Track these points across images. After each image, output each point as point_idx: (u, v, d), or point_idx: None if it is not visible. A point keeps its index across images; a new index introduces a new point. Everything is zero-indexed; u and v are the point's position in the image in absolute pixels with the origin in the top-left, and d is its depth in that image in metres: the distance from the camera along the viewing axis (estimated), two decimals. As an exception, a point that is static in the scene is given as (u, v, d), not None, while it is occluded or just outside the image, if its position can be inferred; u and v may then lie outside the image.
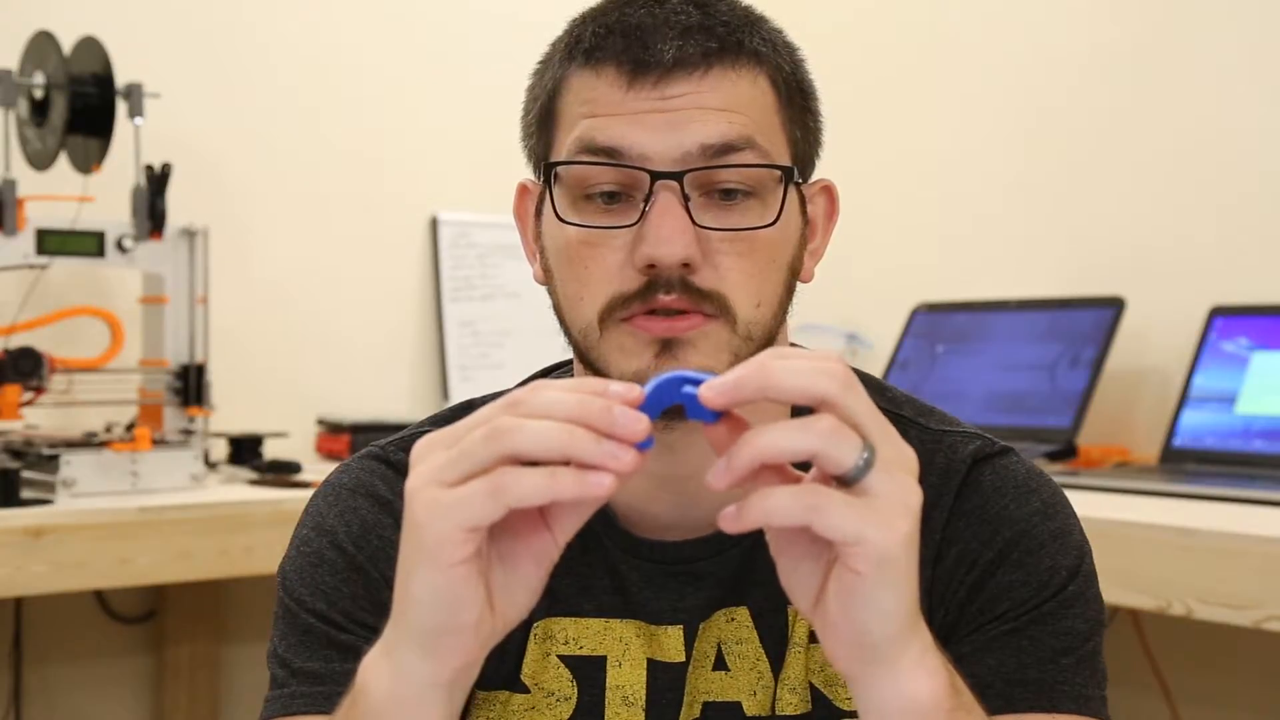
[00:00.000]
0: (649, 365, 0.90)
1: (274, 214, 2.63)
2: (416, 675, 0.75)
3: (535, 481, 0.69)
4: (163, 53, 2.47)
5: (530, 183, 1.00)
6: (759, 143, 0.91)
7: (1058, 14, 2.58)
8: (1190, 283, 2.30)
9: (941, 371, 2.48)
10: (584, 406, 0.70)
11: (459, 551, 0.71)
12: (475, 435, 0.71)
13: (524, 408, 0.71)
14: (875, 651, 0.72)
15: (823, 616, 0.72)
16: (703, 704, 0.97)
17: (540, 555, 0.75)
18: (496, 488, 0.69)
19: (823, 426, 0.68)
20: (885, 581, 0.70)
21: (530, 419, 0.70)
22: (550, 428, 0.69)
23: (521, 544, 0.74)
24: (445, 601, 0.72)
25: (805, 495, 0.68)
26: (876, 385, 1.04)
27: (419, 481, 0.72)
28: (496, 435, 0.70)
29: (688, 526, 0.97)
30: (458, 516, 0.70)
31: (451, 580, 0.72)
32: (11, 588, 1.92)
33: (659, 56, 0.90)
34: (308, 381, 2.64)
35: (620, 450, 0.70)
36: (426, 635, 0.74)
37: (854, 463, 0.69)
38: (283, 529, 1.07)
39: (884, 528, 0.69)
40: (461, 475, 0.71)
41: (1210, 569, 1.60)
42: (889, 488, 0.69)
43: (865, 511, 0.68)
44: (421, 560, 0.72)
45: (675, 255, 0.88)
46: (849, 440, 0.69)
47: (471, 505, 0.70)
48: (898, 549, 0.69)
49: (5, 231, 2.10)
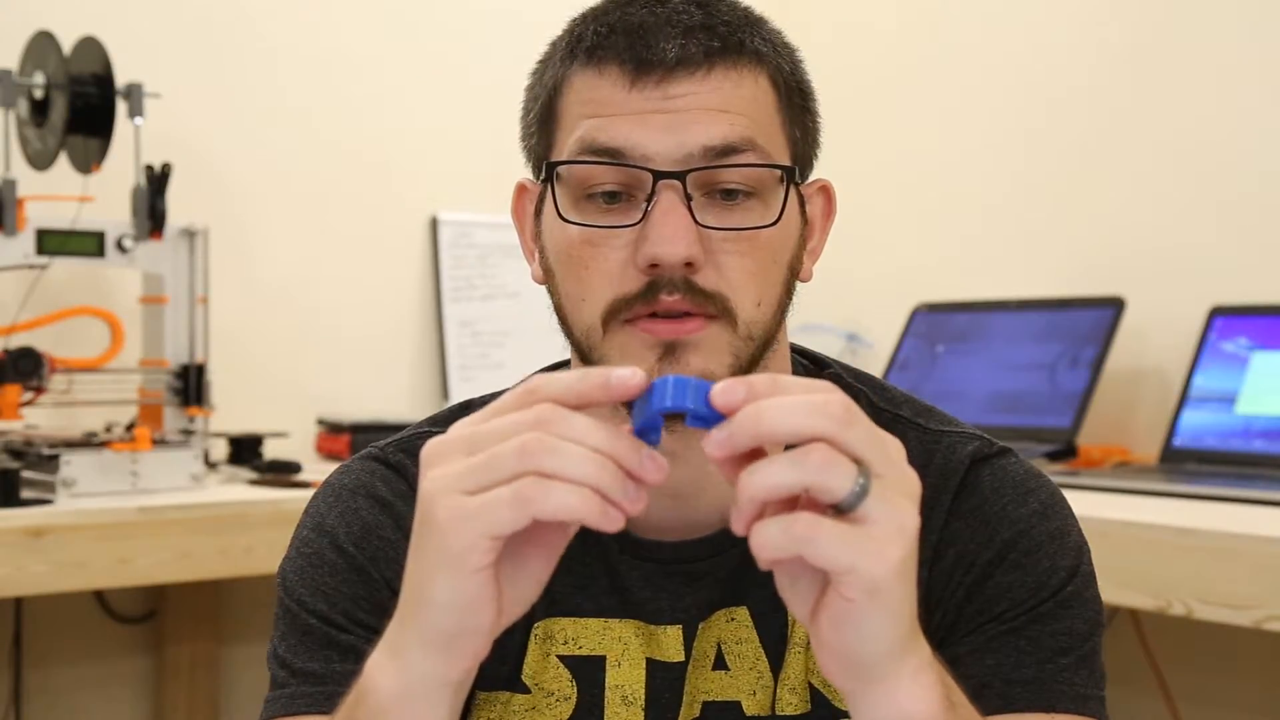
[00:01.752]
0: (651, 368, 0.90)
1: (274, 214, 2.63)
2: (429, 675, 0.75)
3: (563, 498, 0.69)
4: (163, 53, 2.47)
5: (529, 182, 1.00)
6: (760, 143, 0.91)
7: (1058, 14, 2.58)
8: (1190, 283, 2.30)
9: (941, 371, 2.48)
10: (615, 444, 0.70)
11: (483, 559, 0.71)
12: (506, 448, 0.70)
13: (556, 428, 0.70)
14: (868, 670, 0.72)
15: (816, 633, 0.72)
16: (702, 703, 0.97)
17: (550, 552, 0.75)
18: (523, 498, 0.69)
19: (814, 460, 0.67)
20: (876, 608, 0.69)
21: (565, 442, 0.70)
22: (585, 457, 0.69)
23: (532, 544, 0.74)
24: (464, 605, 0.73)
25: (795, 526, 0.67)
26: (876, 385, 1.04)
27: (438, 486, 0.72)
28: (529, 453, 0.69)
29: (687, 527, 0.97)
30: (483, 525, 0.70)
31: (473, 585, 0.72)
32: (11, 588, 1.92)
33: (661, 55, 0.90)
34: (308, 381, 2.64)
35: (639, 495, 0.70)
36: (443, 637, 0.74)
37: (848, 492, 0.67)
38: (283, 529, 1.07)
39: (875, 557, 0.68)
40: (485, 484, 0.70)
41: (1210, 569, 1.60)
42: (884, 514, 0.68)
43: (857, 540, 0.68)
44: (443, 565, 0.72)
45: (678, 254, 0.88)
46: (842, 470, 0.67)
47: (497, 514, 0.70)
48: (889, 578, 0.68)
49: (5, 231, 2.10)
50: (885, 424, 0.99)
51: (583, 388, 0.71)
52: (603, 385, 0.71)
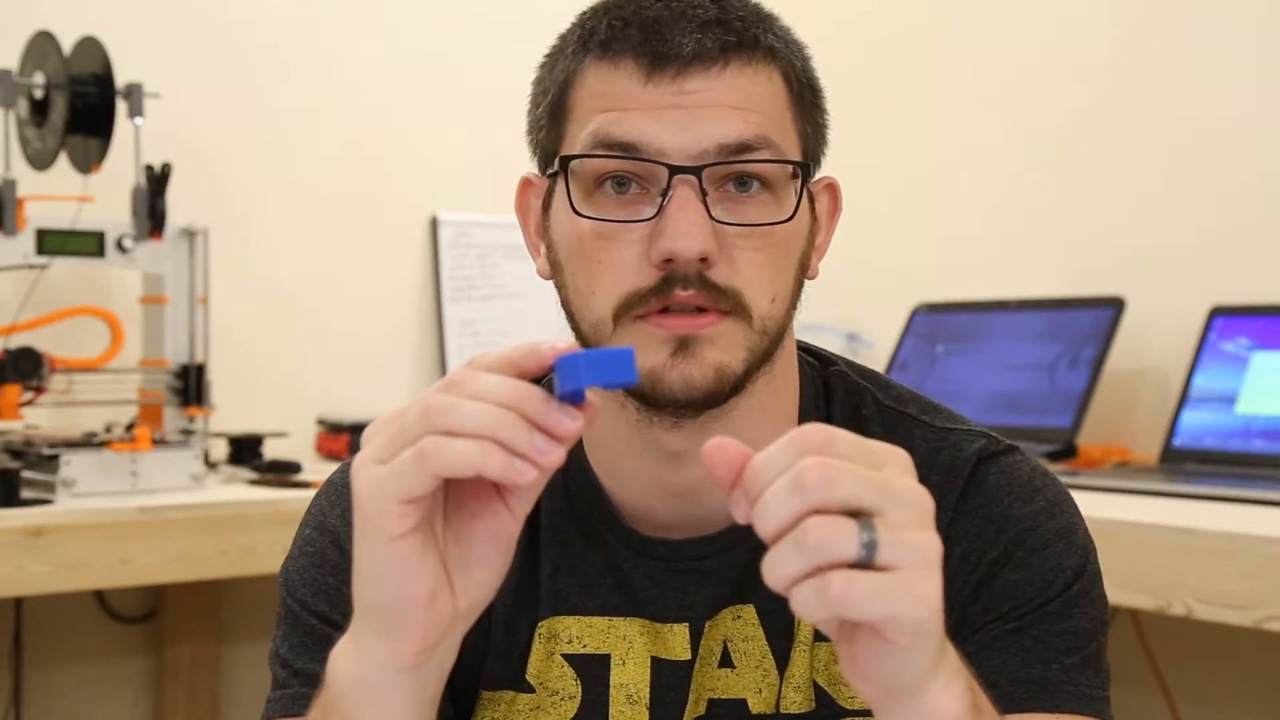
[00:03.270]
0: (664, 363, 0.89)
1: (274, 214, 2.63)
2: (376, 657, 0.75)
3: (461, 451, 0.69)
4: (163, 53, 2.47)
5: (534, 176, 1.00)
6: (774, 140, 0.91)
7: (1058, 14, 2.58)
8: (1190, 283, 2.30)
9: (941, 371, 2.48)
10: (518, 394, 0.70)
11: (398, 525, 0.71)
12: (410, 413, 0.71)
13: (462, 388, 0.71)
14: (904, 691, 0.71)
15: (851, 661, 0.70)
16: (708, 701, 0.97)
17: (497, 532, 0.75)
18: (421, 454, 0.70)
19: (812, 541, 0.65)
20: (919, 645, 0.68)
21: (464, 400, 0.70)
22: (482, 409, 0.70)
23: (478, 522, 0.74)
24: (390, 576, 0.73)
25: (830, 592, 0.65)
26: (881, 382, 1.04)
27: (360, 460, 0.73)
28: (429, 413, 0.70)
29: (693, 524, 0.97)
30: (391, 488, 0.71)
31: (394, 554, 0.72)
32: (11, 588, 1.92)
33: (677, 49, 0.89)
34: (308, 381, 2.64)
35: (549, 446, 0.70)
36: (376, 613, 0.74)
37: (856, 552, 0.65)
38: (283, 529, 1.07)
39: (914, 602, 0.66)
40: (396, 451, 0.71)
41: (1210, 569, 1.60)
42: (904, 557, 0.66)
43: (890, 588, 0.65)
44: (364, 535, 0.73)
45: (694, 250, 0.88)
46: (842, 536, 0.65)
47: (401, 476, 0.70)
48: (930, 615, 0.67)
49: (5, 231, 2.10)
50: (890, 421, 1.00)
51: (514, 355, 0.72)
52: (533, 353, 0.72)
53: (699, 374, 0.89)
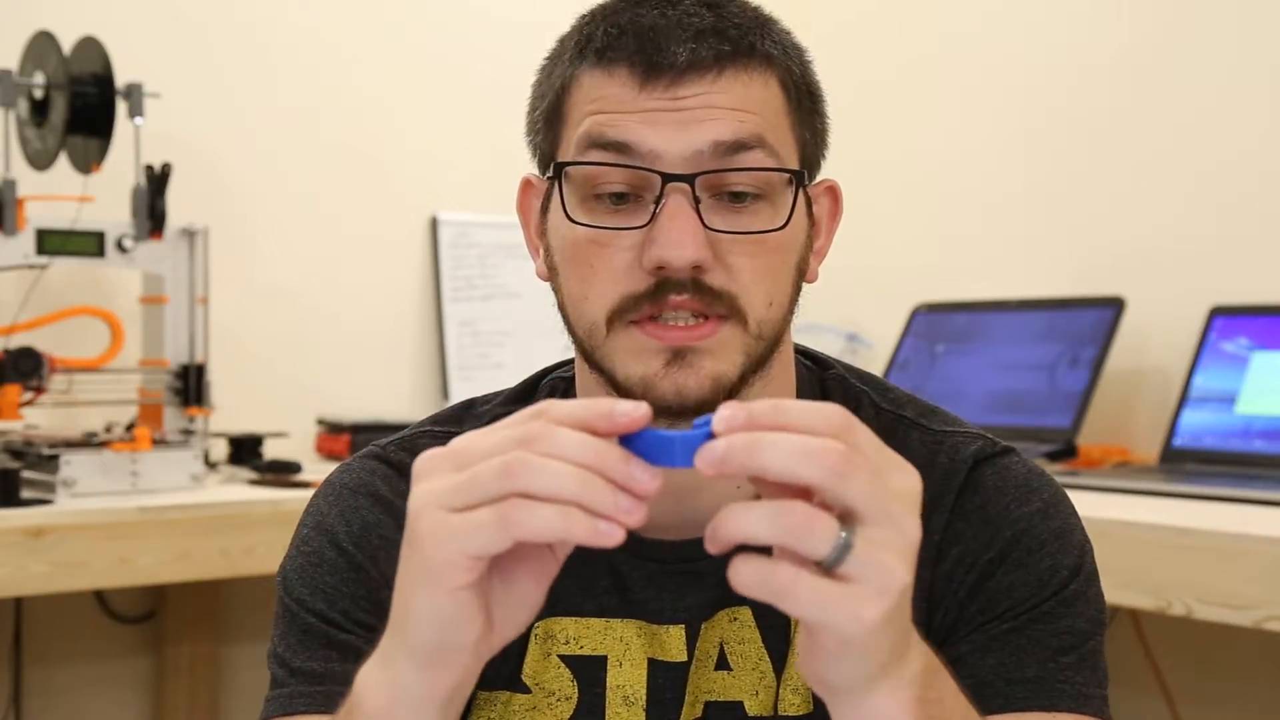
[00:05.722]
0: (658, 372, 0.89)
1: (274, 214, 2.63)
2: (413, 689, 0.75)
3: (547, 519, 0.68)
4: (163, 53, 2.47)
5: (534, 178, 1.00)
6: (769, 142, 0.91)
7: (1058, 15, 2.58)
8: (1190, 283, 2.30)
9: (941, 371, 2.48)
10: (600, 454, 0.69)
11: (463, 577, 0.71)
12: (488, 466, 0.69)
13: (540, 445, 0.69)
14: (839, 690, 0.72)
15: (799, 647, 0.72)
16: (705, 703, 0.97)
17: (540, 574, 0.75)
18: (507, 520, 0.68)
19: (792, 521, 0.65)
20: (848, 656, 0.69)
21: (547, 459, 0.68)
22: (566, 473, 0.68)
23: (523, 564, 0.74)
24: (445, 622, 0.72)
25: (774, 578, 0.66)
26: (879, 386, 1.04)
27: (424, 501, 0.71)
28: (510, 471, 0.68)
29: (690, 526, 0.96)
30: (464, 543, 0.70)
31: (455, 602, 0.71)
32: (11, 588, 1.92)
33: (672, 58, 0.89)
34: (308, 381, 2.64)
35: (633, 506, 0.69)
36: (425, 652, 0.74)
37: (826, 553, 0.65)
38: (283, 529, 1.07)
39: (849, 617, 0.66)
40: (470, 503, 0.69)
41: (1210, 569, 1.60)
42: (866, 574, 0.66)
43: (835, 599, 0.66)
44: (424, 581, 0.72)
45: (686, 258, 0.88)
46: (821, 531, 0.65)
47: (480, 534, 0.69)
48: (861, 636, 0.67)
49: (5, 231, 2.10)
50: (888, 425, 1.00)
51: (587, 415, 0.70)
52: (607, 415, 0.70)
53: (695, 383, 0.89)
